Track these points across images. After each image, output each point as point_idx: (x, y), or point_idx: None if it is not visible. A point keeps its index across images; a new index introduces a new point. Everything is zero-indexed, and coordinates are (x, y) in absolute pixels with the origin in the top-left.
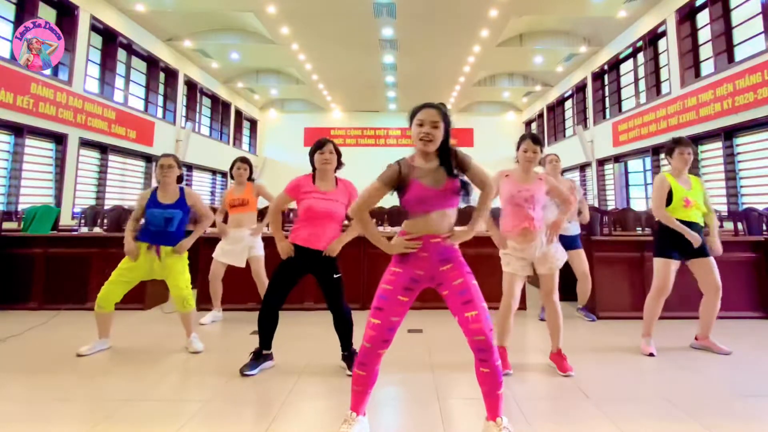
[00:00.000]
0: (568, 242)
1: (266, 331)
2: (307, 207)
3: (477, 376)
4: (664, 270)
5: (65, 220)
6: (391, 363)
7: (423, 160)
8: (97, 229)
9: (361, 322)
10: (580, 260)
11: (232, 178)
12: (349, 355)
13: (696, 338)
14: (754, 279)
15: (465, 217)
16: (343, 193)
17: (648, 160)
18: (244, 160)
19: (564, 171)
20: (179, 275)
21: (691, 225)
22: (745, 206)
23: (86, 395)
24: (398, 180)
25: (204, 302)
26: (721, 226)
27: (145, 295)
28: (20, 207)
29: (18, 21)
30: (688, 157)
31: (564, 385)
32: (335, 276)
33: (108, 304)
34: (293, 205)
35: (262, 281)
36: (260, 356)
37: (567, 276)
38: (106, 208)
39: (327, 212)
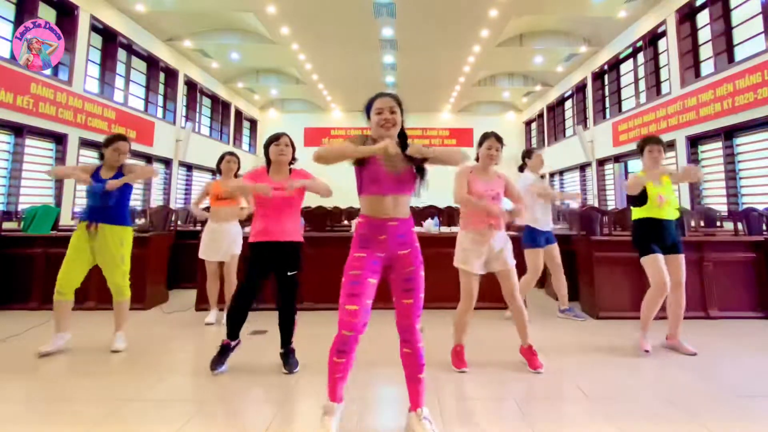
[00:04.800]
0: (548, 237)
1: (238, 325)
2: (261, 199)
3: (401, 357)
4: (655, 266)
5: (65, 220)
6: (391, 363)
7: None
8: None
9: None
10: (555, 253)
11: (219, 172)
12: (286, 352)
13: (666, 338)
14: (754, 279)
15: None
16: (296, 177)
17: None
18: (233, 153)
19: (564, 171)
20: (116, 263)
21: (664, 223)
22: (745, 206)
23: (86, 395)
24: (363, 143)
25: (204, 302)
26: (721, 226)
27: (145, 295)
28: (20, 207)
29: (18, 21)
30: (657, 155)
31: (564, 385)
32: (290, 273)
33: (68, 288)
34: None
35: (232, 280)
36: (227, 350)
37: (567, 276)
38: None
39: (283, 200)
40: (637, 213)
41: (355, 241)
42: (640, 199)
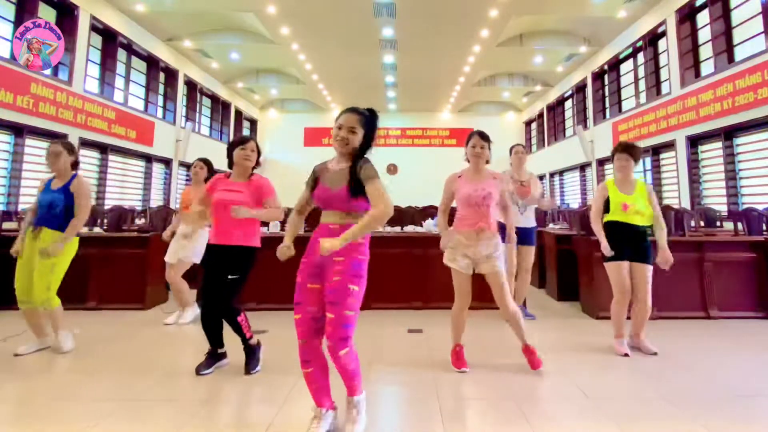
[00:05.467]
0: (524, 236)
1: (213, 332)
2: (214, 201)
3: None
4: (617, 273)
5: None
6: (391, 363)
7: (336, 161)
8: (96, 229)
9: (360, 321)
10: (531, 257)
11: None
12: (245, 351)
13: (630, 336)
14: (754, 279)
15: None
16: (251, 185)
17: (648, 160)
18: (202, 160)
19: (564, 171)
20: (45, 272)
21: (630, 227)
22: (745, 206)
23: (86, 395)
24: (313, 180)
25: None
26: (721, 226)
27: (145, 295)
28: (20, 207)
29: (18, 21)
30: (625, 162)
31: (564, 385)
32: (230, 277)
33: (25, 294)
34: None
35: (179, 287)
36: (215, 356)
37: (567, 276)
38: (105, 208)
39: (230, 202)
40: (604, 217)
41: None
42: (607, 205)
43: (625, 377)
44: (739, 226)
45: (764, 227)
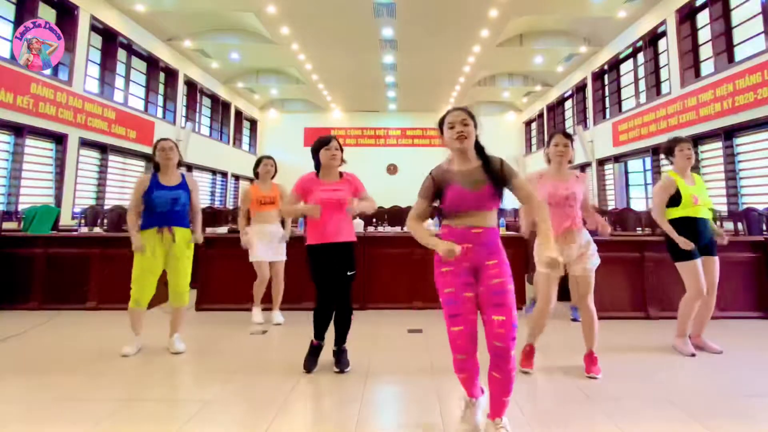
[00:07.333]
0: None
1: (325, 327)
2: (320, 201)
3: (488, 378)
4: (694, 272)
5: (65, 220)
6: (391, 363)
7: (456, 162)
8: (97, 229)
9: (360, 321)
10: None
11: (256, 176)
12: (338, 350)
13: (689, 336)
14: (754, 279)
15: None
16: (348, 183)
17: (648, 160)
18: (270, 157)
19: None
20: (186, 268)
21: (700, 221)
22: (745, 206)
23: (86, 395)
24: (435, 190)
25: (205, 302)
26: (721, 226)
27: None
28: (20, 207)
29: (18, 21)
30: (688, 152)
31: (564, 385)
32: (350, 273)
33: (145, 300)
34: None
35: (281, 280)
36: (317, 350)
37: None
38: (106, 208)
39: (338, 202)
40: (672, 213)
41: (437, 256)
42: (674, 199)
43: (625, 377)
44: (739, 226)
45: (764, 227)
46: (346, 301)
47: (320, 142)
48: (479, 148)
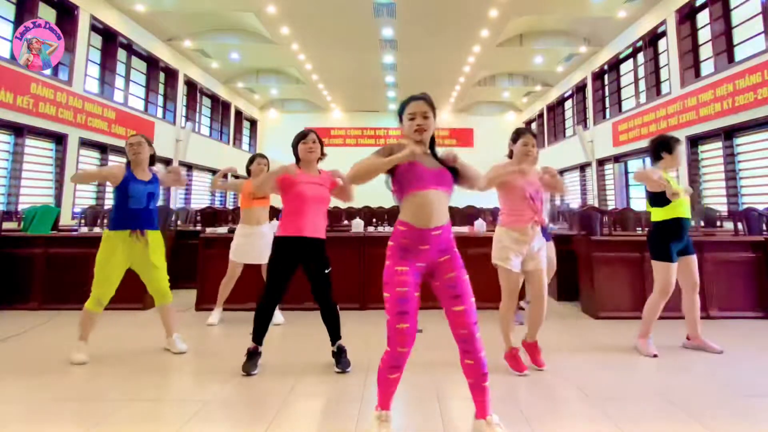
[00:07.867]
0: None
1: (262, 326)
2: (297, 193)
3: (462, 368)
4: (668, 273)
5: (65, 220)
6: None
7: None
8: (97, 229)
9: (360, 321)
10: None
11: (249, 174)
12: (338, 350)
13: (687, 338)
14: (754, 279)
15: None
16: (326, 179)
17: (648, 160)
18: (263, 156)
19: (564, 171)
20: (162, 268)
21: (685, 221)
22: (745, 206)
23: (86, 395)
24: (389, 153)
25: (204, 302)
26: (721, 226)
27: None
28: (20, 207)
29: (18, 21)
30: (682, 149)
31: (564, 385)
32: (327, 271)
33: (107, 301)
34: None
35: None
36: (256, 354)
37: (567, 276)
38: (106, 208)
39: (318, 197)
40: (660, 214)
41: (394, 252)
42: (660, 197)
43: (625, 377)
44: (739, 226)
45: (764, 227)
46: (328, 299)
47: (298, 137)
48: (431, 141)
